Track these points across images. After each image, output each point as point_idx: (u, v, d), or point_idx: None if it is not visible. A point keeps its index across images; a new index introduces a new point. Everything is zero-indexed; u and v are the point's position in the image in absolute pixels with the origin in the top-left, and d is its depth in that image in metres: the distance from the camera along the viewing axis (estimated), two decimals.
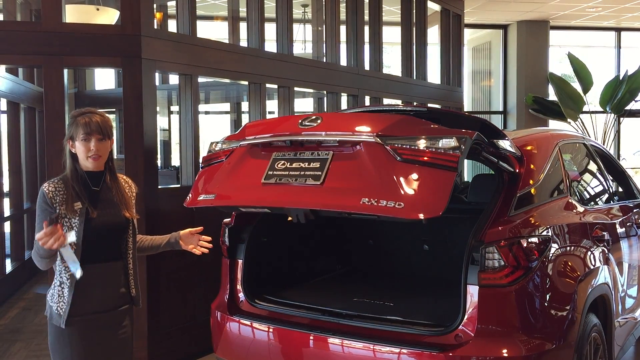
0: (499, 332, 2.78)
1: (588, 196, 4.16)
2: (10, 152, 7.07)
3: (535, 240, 2.90)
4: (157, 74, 4.92)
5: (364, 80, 6.93)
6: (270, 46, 5.77)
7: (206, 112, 10.82)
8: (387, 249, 4.37)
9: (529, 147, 3.36)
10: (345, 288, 3.92)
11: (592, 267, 3.35)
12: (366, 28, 7.27)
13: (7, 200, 7.01)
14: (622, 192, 4.70)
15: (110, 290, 2.77)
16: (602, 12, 11.04)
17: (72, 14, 6.00)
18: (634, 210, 4.48)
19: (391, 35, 8.58)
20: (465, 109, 10.74)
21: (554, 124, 11.66)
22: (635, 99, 11.66)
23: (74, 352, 2.68)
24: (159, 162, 5.68)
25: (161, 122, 9.24)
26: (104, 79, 9.79)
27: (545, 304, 2.92)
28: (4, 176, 6.87)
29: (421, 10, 8.14)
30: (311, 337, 3.11)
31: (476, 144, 2.75)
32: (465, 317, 2.79)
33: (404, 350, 2.84)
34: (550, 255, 2.97)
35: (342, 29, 6.80)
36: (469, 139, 2.63)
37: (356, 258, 4.47)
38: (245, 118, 8.69)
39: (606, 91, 11.56)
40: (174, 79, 8.02)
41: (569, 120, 11.34)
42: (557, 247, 3.06)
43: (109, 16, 6.49)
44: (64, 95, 4.33)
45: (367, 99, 7.07)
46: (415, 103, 7.80)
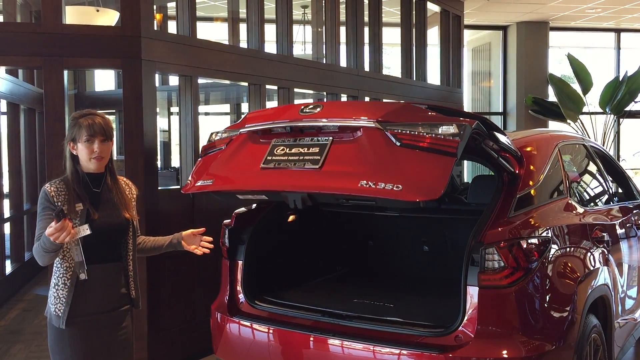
0: (499, 333, 2.79)
1: (588, 197, 4.17)
2: (10, 154, 7.06)
3: (535, 241, 2.90)
4: (157, 75, 4.93)
5: (363, 81, 6.93)
6: (270, 47, 5.77)
7: (206, 114, 10.80)
8: (387, 250, 4.36)
9: (528, 148, 3.37)
10: (345, 289, 3.92)
11: (592, 268, 3.35)
12: (366, 29, 7.27)
13: (7, 202, 7.00)
14: (622, 193, 4.70)
15: (110, 291, 2.77)
16: (602, 13, 11.04)
17: (72, 15, 6.00)
18: (634, 212, 4.48)
19: (391, 36, 8.58)
20: (465, 110, 10.74)
21: (553, 125, 11.67)
22: (635, 100, 11.66)
23: (74, 353, 2.68)
24: (158, 163, 5.67)
25: (161, 123, 9.24)
26: (104, 80, 9.79)
27: (545, 305, 2.92)
28: (4, 177, 6.86)
29: (421, 11, 8.14)
30: (311, 338, 3.11)
31: (476, 134, 2.74)
32: (465, 318, 2.79)
33: (404, 351, 2.84)
34: (550, 256, 2.97)
35: (342, 30, 6.80)
36: (469, 127, 2.63)
37: (356, 259, 4.47)
38: None
39: (606, 92, 11.55)
40: (173, 80, 8.01)
41: (568, 121, 11.34)
42: (557, 248, 3.06)
43: (109, 17, 6.49)
44: (64, 96, 4.33)
45: (366, 100, 7.06)
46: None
